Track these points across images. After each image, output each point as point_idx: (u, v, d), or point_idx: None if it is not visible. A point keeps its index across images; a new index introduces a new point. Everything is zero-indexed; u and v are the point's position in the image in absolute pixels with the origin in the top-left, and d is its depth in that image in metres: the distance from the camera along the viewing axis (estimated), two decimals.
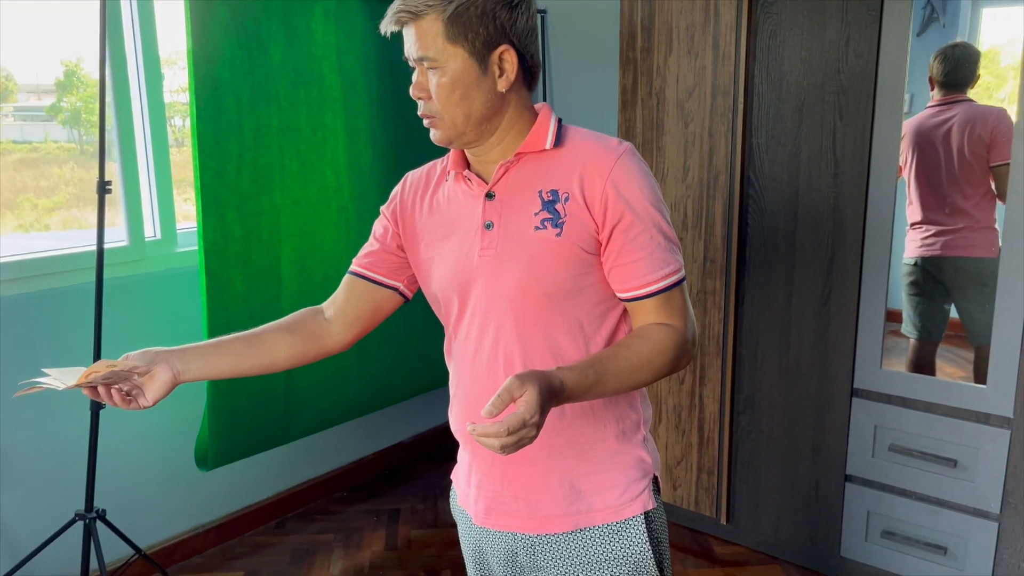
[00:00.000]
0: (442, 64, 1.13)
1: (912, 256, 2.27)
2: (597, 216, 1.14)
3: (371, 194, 2.79)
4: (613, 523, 1.23)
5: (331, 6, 2.57)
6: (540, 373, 1.04)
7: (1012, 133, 1.93)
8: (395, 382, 2.97)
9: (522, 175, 1.18)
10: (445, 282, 1.24)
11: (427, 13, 1.12)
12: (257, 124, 2.40)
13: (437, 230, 1.25)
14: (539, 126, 1.19)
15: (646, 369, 1.14)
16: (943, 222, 2.22)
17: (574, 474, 1.23)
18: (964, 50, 2.14)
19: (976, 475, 2.08)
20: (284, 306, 2.54)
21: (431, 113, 1.17)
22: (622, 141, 1.17)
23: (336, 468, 3.16)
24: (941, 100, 2.16)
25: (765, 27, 2.25)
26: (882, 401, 2.22)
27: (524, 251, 1.15)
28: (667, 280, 1.16)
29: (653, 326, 1.17)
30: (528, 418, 0.98)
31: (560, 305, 1.17)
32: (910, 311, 2.31)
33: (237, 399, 2.43)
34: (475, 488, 1.29)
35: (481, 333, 1.21)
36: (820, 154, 2.21)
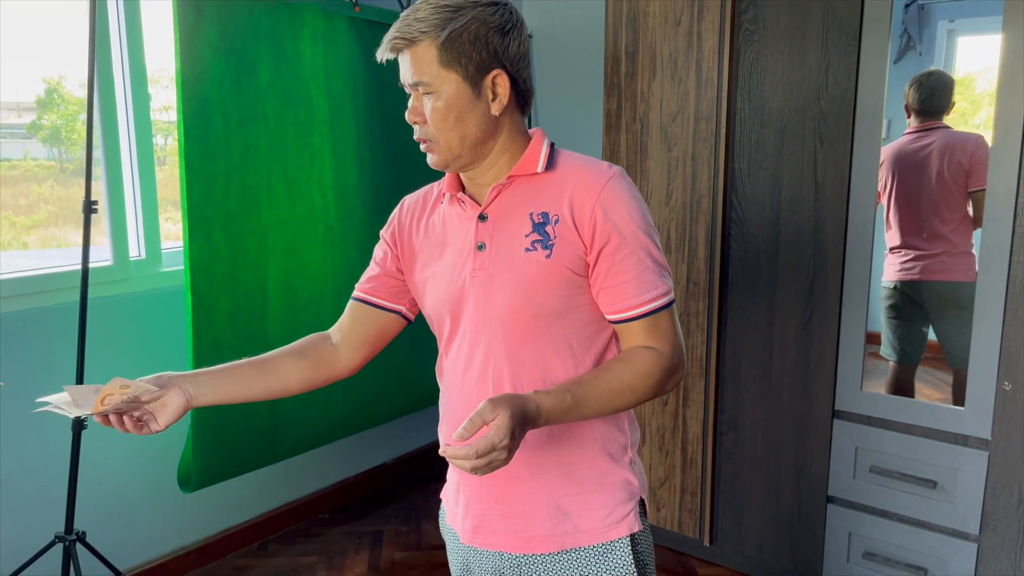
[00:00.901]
0: (436, 89, 1.15)
1: (891, 280, 2.31)
2: (586, 238, 1.16)
3: (357, 214, 2.80)
4: (599, 544, 1.24)
5: (319, 28, 2.60)
6: (514, 397, 1.07)
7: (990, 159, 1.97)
8: (380, 403, 2.97)
9: (514, 197, 1.21)
10: (437, 302, 1.26)
11: (421, 39, 1.14)
12: (245, 144, 2.41)
13: (432, 251, 1.28)
14: (531, 150, 1.22)
15: (628, 393, 1.16)
16: (922, 247, 2.26)
17: (561, 495, 1.24)
18: (938, 78, 2.19)
19: (955, 496, 2.10)
20: (270, 326, 2.54)
21: (427, 137, 1.19)
22: (612, 165, 1.19)
23: (319, 490, 3.15)
24: (918, 127, 2.21)
25: (747, 54, 2.30)
26: (863, 423, 2.25)
27: (515, 272, 1.17)
28: (654, 303, 1.17)
29: (638, 349, 1.19)
30: (497, 442, 1.01)
31: (550, 326, 1.19)
32: (889, 334, 2.34)
33: (222, 420, 2.42)
34: (463, 506, 1.30)
35: (471, 353, 1.23)
36: (801, 178, 2.25)
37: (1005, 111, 1.89)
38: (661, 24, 2.42)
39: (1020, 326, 1.94)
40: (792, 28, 2.20)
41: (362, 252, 2.83)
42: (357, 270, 2.78)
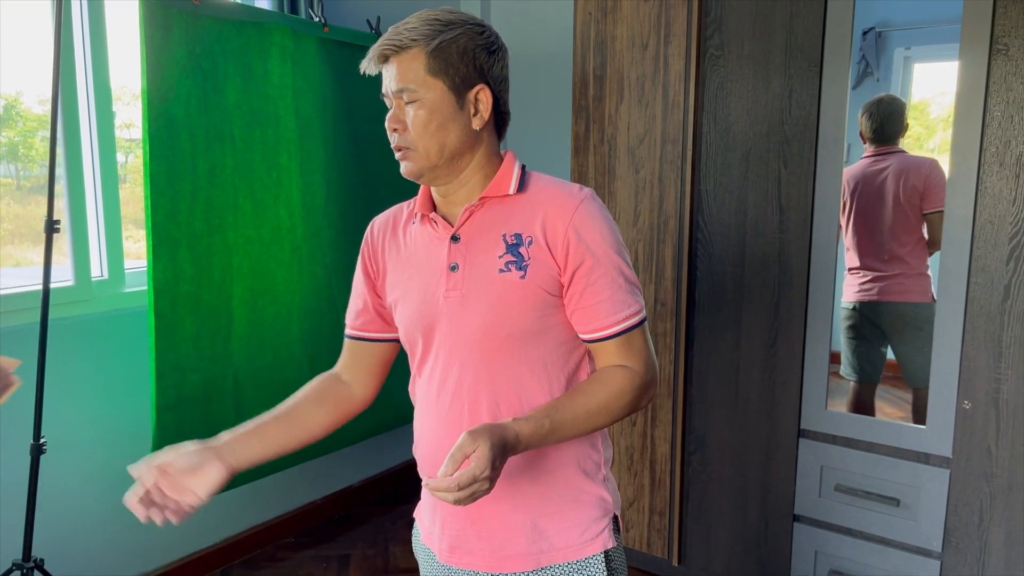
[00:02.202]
0: (421, 96, 1.17)
1: (851, 301, 2.35)
2: (559, 259, 1.18)
3: (324, 234, 2.79)
4: (574, 562, 1.25)
5: (288, 48, 2.59)
6: (493, 427, 1.09)
7: (944, 182, 2.02)
8: (346, 425, 2.93)
9: (486, 219, 1.22)
10: (409, 322, 1.27)
11: (411, 47, 1.16)
12: (212, 163, 2.39)
13: (404, 271, 1.28)
14: (504, 171, 1.23)
15: (604, 412, 1.18)
16: (879, 268, 2.31)
17: (537, 513, 1.25)
18: (889, 105, 2.25)
19: (918, 514, 2.13)
20: (235, 347, 2.51)
21: (405, 144, 1.19)
22: (583, 187, 1.22)
23: (284, 513, 3.10)
24: (874, 152, 2.26)
25: (713, 79, 2.34)
26: (828, 441, 2.28)
27: (489, 293, 1.18)
28: (627, 322, 1.20)
29: (612, 369, 1.21)
30: (479, 473, 1.03)
31: (524, 346, 1.20)
32: (848, 354, 2.38)
33: (183, 441, 2.37)
34: (439, 526, 1.31)
35: (445, 373, 1.23)
36: (766, 201, 2.29)
37: (961, 137, 1.94)
38: (628, 48, 2.46)
39: (979, 346, 1.98)
40: (756, 54, 2.25)
41: (328, 272, 2.81)
42: (324, 290, 2.79)
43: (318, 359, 2.78)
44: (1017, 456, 1.96)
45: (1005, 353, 1.94)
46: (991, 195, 1.92)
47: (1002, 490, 1.99)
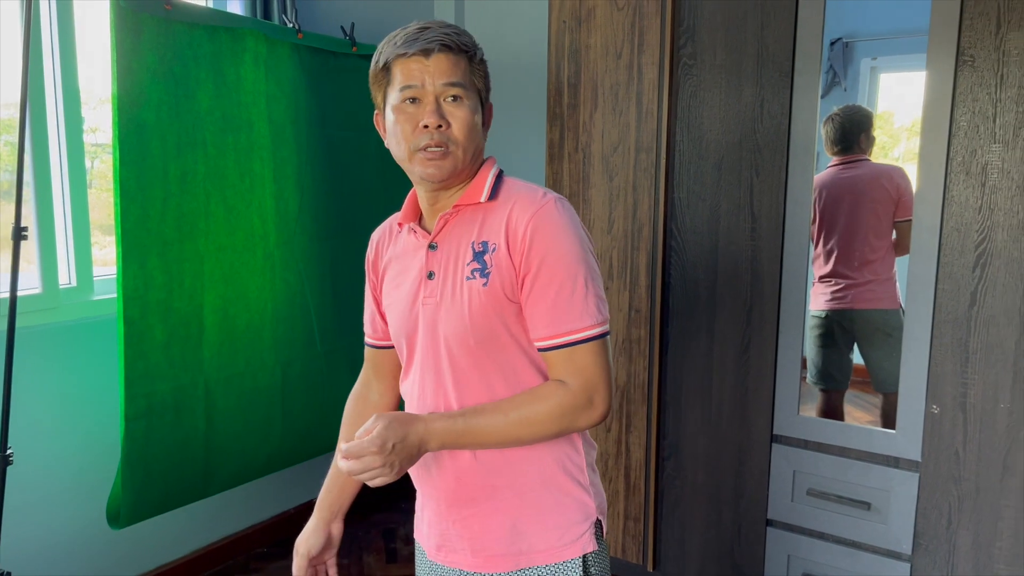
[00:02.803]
0: (465, 97, 1.19)
1: (821, 309, 2.38)
2: (516, 264, 1.18)
3: (297, 241, 2.77)
4: (552, 564, 1.26)
5: (262, 54, 2.58)
6: (401, 415, 1.13)
7: (912, 190, 2.06)
8: (319, 433, 2.92)
9: (460, 226, 1.23)
10: (395, 328, 1.30)
11: (461, 51, 1.19)
12: (183, 170, 2.37)
13: (394, 280, 1.32)
14: (479, 179, 1.25)
15: (525, 425, 1.17)
16: (851, 275, 2.34)
17: (517, 515, 1.26)
18: (849, 116, 2.28)
19: (888, 517, 2.16)
20: (206, 355, 2.48)
21: (445, 142, 1.18)
22: (550, 192, 1.21)
23: (256, 523, 3.06)
24: (840, 161, 2.30)
25: (686, 87, 2.36)
26: (800, 447, 2.30)
27: (458, 300, 1.20)
28: (572, 335, 1.16)
29: (550, 384, 1.19)
30: (367, 446, 1.07)
31: (493, 352, 1.21)
32: (818, 362, 2.40)
33: (153, 452, 2.34)
34: (427, 524, 1.35)
35: (423, 378, 1.26)
36: (738, 209, 2.31)
37: (929, 147, 1.98)
38: (602, 57, 2.48)
39: (946, 351, 2.02)
40: (728, 63, 2.27)
41: (302, 279, 2.79)
42: (297, 297, 2.77)
43: (291, 367, 2.76)
44: (984, 459, 1.99)
45: (972, 358, 1.98)
46: (958, 203, 1.95)
47: (970, 493, 2.02)
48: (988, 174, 1.90)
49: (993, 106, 1.88)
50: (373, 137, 3.08)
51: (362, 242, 3.03)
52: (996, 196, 1.90)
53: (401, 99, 1.18)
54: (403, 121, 1.19)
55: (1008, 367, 1.93)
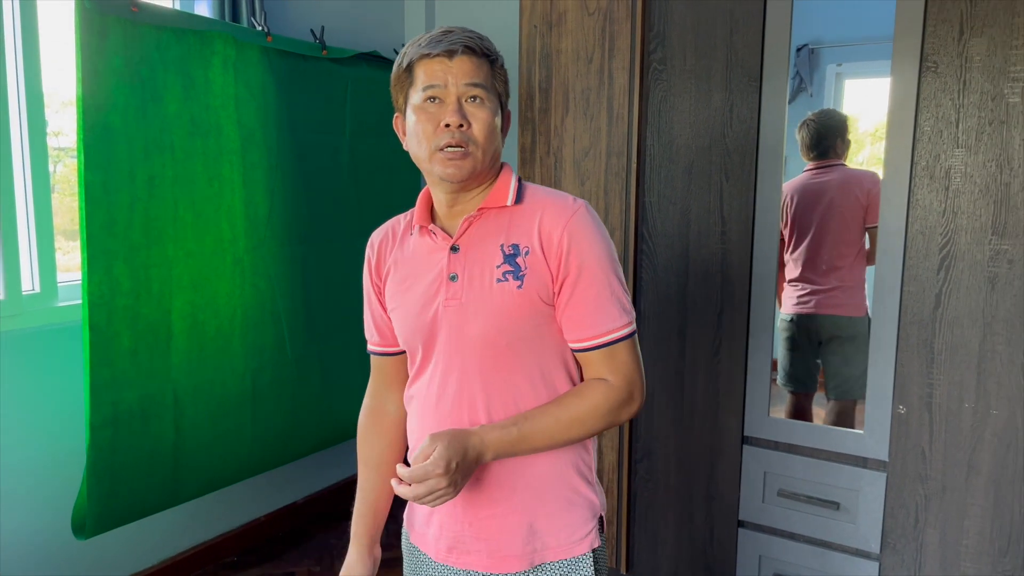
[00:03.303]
0: (486, 99, 1.21)
1: (788, 313, 2.41)
2: (553, 268, 1.21)
3: (267, 246, 2.74)
4: (565, 560, 1.30)
5: (230, 57, 2.55)
6: (456, 432, 1.14)
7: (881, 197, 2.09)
8: (290, 440, 2.89)
9: (485, 229, 1.25)
10: (410, 331, 1.29)
11: (483, 54, 1.22)
12: (150, 174, 2.34)
13: (404, 282, 1.31)
14: (501, 183, 1.27)
15: (577, 425, 1.22)
16: (817, 281, 2.37)
17: (533, 515, 1.29)
18: (825, 120, 2.31)
19: (857, 517, 2.19)
20: (175, 361, 2.45)
21: (466, 142, 1.20)
22: (577, 199, 1.25)
23: (226, 532, 3.02)
24: (815, 166, 2.32)
25: (656, 92, 2.38)
26: (770, 448, 2.32)
27: (487, 302, 1.22)
28: (612, 335, 1.23)
29: (592, 382, 1.25)
30: (431, 470, 1.09)
31: (521, 354, 1.24)
32: (786, 365, 2.43)
33: (120, 460, 2.30)
34: (436, 527, 1.33)
35: (444, 380, 1.26)
36: (708, 213, 2.33)
37: (893, 151, 2.02)
38: (574, 61, 2.49)
39: (912, 353, 2.05)
40: (698, 69, 2.29)
41: (272, 285, 2.77)
42: (267, 303, 2.74)
43: (261, 373, 2.73)
44: (950, 458, 2.03)
45: (937, 359, 2.01)
46: (922, 207, 1.99)
47: (936, 492, 2.06)
48: (951, 178, 1.94)
49: (956, 111, 1.92)
50: (344, 141, 3.07)
51: (333, 247, 3.03)
52: (959, 200, 1.94)
53: (423, 99, 1.21)
54: (424, 120, 1.21)
55: (972, 367, 1.97)
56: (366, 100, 3.15)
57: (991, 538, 2.00)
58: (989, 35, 1.86)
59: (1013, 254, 1.88)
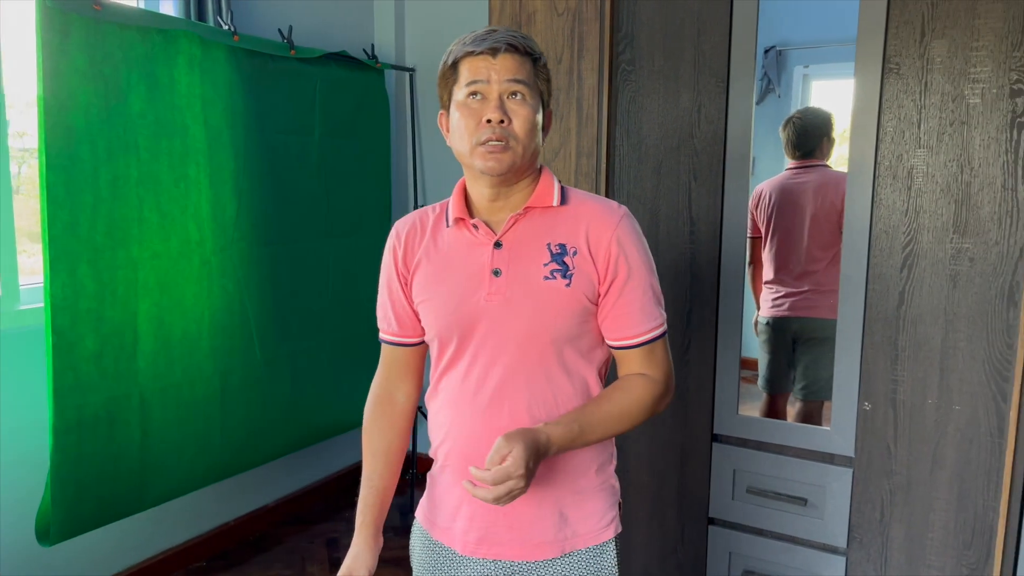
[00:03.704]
0: (528, 97, 1.24)
1: (765, 315, 2.43)
2: (600, 269, 1.27)
3: (235, 247, 2.72)
4: (593, 547, 1.35)
5: (196, 56, 2.52)
6: (526, 431, 1.18)
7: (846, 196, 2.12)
8: (259, 443, 2.87)
9: (530, 227, 1.29)
10: (445, 324, 1.31)
11: (526, 53, 1.26)
12: (114, 175, 2.30)
13: (436, 274, 1.33)
14: (545, 184, 1.31)
15: (626, 418, 1.29)
16: (790, 283, 2.39)
17: (564, 503, 1.34)
18: (808, 119, 2.32)
19: (824, 512, 2.22)
20: (140, 365, 2.41)
21: (507, 136, 1.23)
22: (620, 204, 1.32)
23: (194, 537, 2.99)
24: (796, 165, 2.33)
25: (625, 93, 2.39)
26: (739, 445, 2.34)
27: (533, 298, 1.26)
28: (652, 333, 1.31)
29: (634, 377, 1.31)
30: (513, 471, 1.12)
31: (562, 349, 1.29)
32: (763, 367, 2.46)
33: (85, 465, 2.27)
34: (465, 520, 1.36)
35: (484, 373, 1.29)
36: (677, 213, 2.35)
37: (857, 152, 2.04)
38: None
39: (877, 350, 2.08)
40: (666, 69, 2.31)
41: (240, 287, 2.74)
42: (235, 305, 2.71)
43: (230, 376, 2.71)
44: (915, 453, 2.06)
45: (901, 356, 2.05)
46: (885, 206, 2.02)
47: (901, 487, 2.09)
48: (914, 178, 1.97)
49: (918, 112, 1.95)
50: (314, 141, 3.05)
51: (303, 248, 3.00)
52: (921, 199, 1.97)
53: (466, 94, 1.25)
54: (467, 116, 1.25)
55: (935, 364, 2.00)
56: (336, 100, 3.13)
57: (955, 532, 2.03)
58: (950, 37, 1.90)
59: (974, 252, 1.92)
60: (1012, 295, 1.88)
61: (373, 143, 3.39)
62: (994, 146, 1.87)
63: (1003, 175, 1.86)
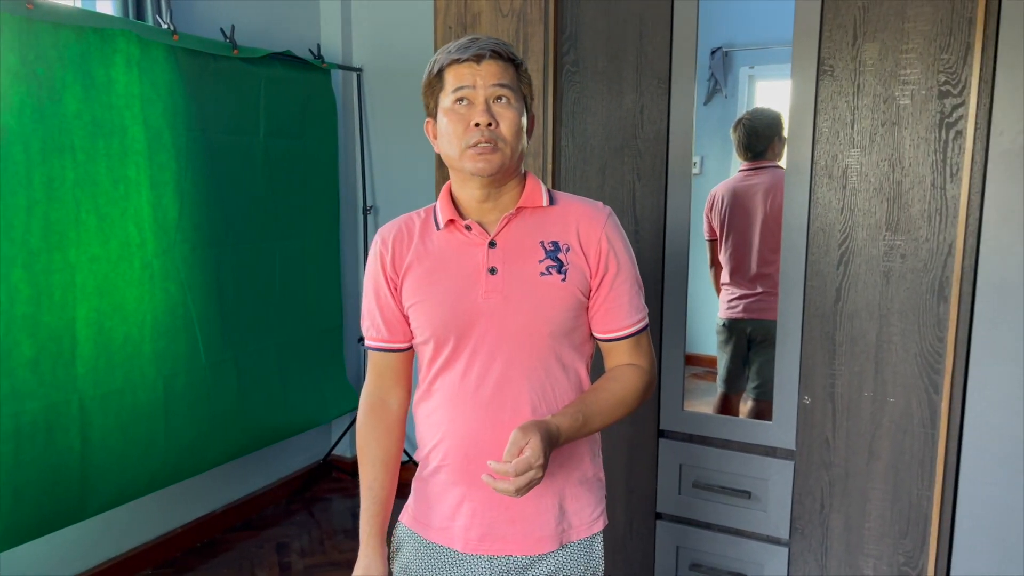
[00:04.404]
0: (513, 100, 1.29)
1: (721, 317, 2.47)
2: (592, 265, 1.33)
3: (178, 250, 2.67)
4: (585, 538, 1.41)
5: (134, 56, 2.48)
6: (539, 423, 1.22)
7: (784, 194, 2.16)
8: (206, 448, 2.82)
9: (522, 227, 1.34)
10: (441, 323, 1.33)
11: (509, 59, 1.31)
12: (49, 176, 2.25)
13: (427, 276, 1.35)
14: (533, 185, 1.37)
15: (621, 407, 1.34)
16: (744, 286, 2.43)
17: (562, 495, 1.39)
18: (758, 119, 2.35)
19: (768, 505, 2.27)
20: (80, 371, 2.36)
21: (495, 138, 1.27)
22: (604, 204, 1.38)
23: (140, 544, 2.93)
24: (748, 167, 2.37)
25: (569, 94, 2.41)
26: (685, 440, 2.38)
27: (531, 295, 1.30)
28: (639, 325, 1.39)
29: (624, 367, 1.38)
30: (534, 461, 1.16)
31: (557, 342, 1.33)
32: (720, 367, 2.50)
33: (23, 474, 2.21)
34: (467, 518, 1.37)
35: (484, 370, 1.32)
36: (622, 213, 2.37)
37: (795, 151, 2.09)
38: None
39: (815, 345, 2.13)
40: (609, 71, 2.33)
41: (184, 290, 2.70)
42: (179, 308, 2.67)
43: (174, 381, 2.66)
44: (852, 445, 2.11)
45: (838, 351, 2.10)
46: (822, 205, 2.07)
47: (840, 478, 2.14)
48: (848, 177, 2.03)
49: (851, 113, 2.00)
50: (259, 141, 3.02)
51: (249, 249, 2.97)
52: (856, 198, 2.02)
53: (453, 101, 1.29)
54: (455, 121, 1.29)
55: (871, 358, 2.06)
56: (281, 101, 3.10)
57: (891, 521, 2.09)
58: (881, 40, 1.95)
59: (905, 249, 1.97)
60: (942, 290, 1.95)
61: (320, 144, 3.36)
62: (924, 146, 1.92)
63: (932, 174, 1.92)
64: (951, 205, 1.91)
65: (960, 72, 1.87)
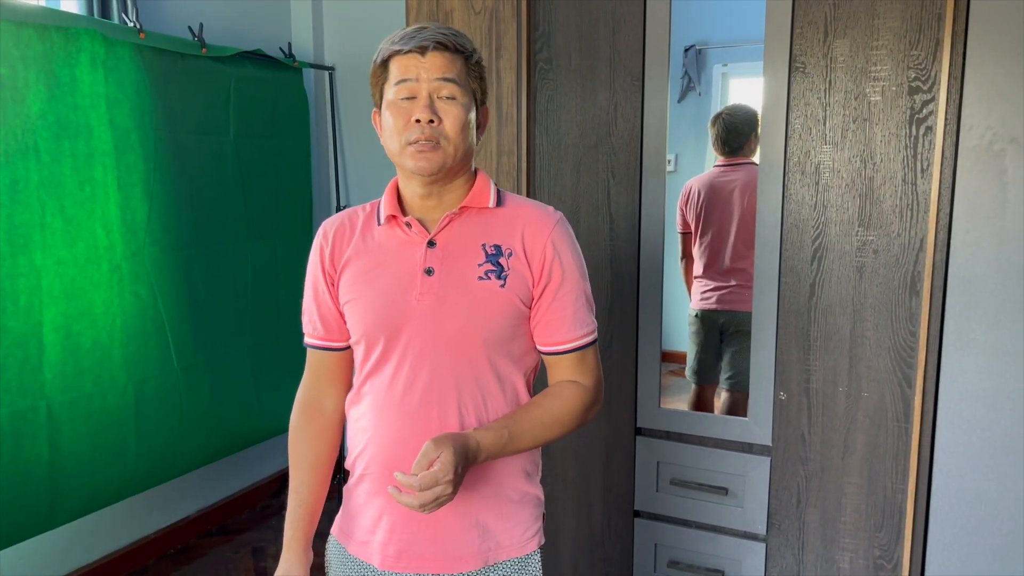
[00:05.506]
0: (459, 96, 1.21)
1: (695, 308, 2.48)
2: (535, 273, 1.26)
3: (147, 252, 2.63)
4: (517, 558, 1.32)
5: (99, 55, 2.43)
6: (456, 436, 1.15)
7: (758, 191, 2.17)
8: (177, 454, 2.78)
9: (465, 228, 1.27)
10: (371, 323, 1.27)
11: (457, 51, 1.23)
12: (12, 178, 2.20)
13: (364, 273, 1.29)
14: (481, 185, 1.30)
15: (556, 426, 1.27)
16: (718, 278, 2.44)
17: (487, 514, 1.31)
18: (736, 115, 2.36)
19: (745, 501, 2.27)
20: (47, 376, 2.32)
21: (437, 136, 1.21)
22: (555, 210, 1.32)
23: (112, 552, 2.89)
24: (724, 163, 2.37)
25: (543, 92, 2.40)
26: (662, 438, 2.38)
27: (467, 299, 1.23)
28: (583, 339, 1.30)
29: (565, 384, 1.30)
30: (441, 477, 1.09)
31: (493, 351, 1.26)
32: (691, 358, 2.50)
33: None
34: (385, 532, 1.31)
35: (413, 376, 1.25)
36: (597, 211, 2.37)
37: (768, 148, 2.10)
38: None
39: (790, 341, 2.14)
40: (583, 68, 2.33)
41: (154, 292, 2.65)
42: (149, 311, 2.63)
43: (144, 385, 2.62)
44: (827, 440, 2.13)
45: (813, 346, 2.11)
46: (795, 201, 2.08)
47: (815, 472, 2.16)
48: (821, 173, 2.04)
49: (823, 110, 2.01)
50: (229, 141, 2.98)
51: (220, 251, 2.93)
52: (828, 194, 2.03)
53: (396, 94, 1.23)
54: (396, 115, 1.23)
55: (844, 353, 2.07)
56: (251, 100, 3.06)
57: (867, 515, 2.11)
58: (851, 37, 1.96)
59: (877, 244, 1.99)
60: (914, 285, 1.96)
61: (292, 143, 3.33)
62: (894, 142, 1.94)
63: (903, 170, 1.94)
64: (922, 200, 1.93)
65: (930, 68, 1.89)
